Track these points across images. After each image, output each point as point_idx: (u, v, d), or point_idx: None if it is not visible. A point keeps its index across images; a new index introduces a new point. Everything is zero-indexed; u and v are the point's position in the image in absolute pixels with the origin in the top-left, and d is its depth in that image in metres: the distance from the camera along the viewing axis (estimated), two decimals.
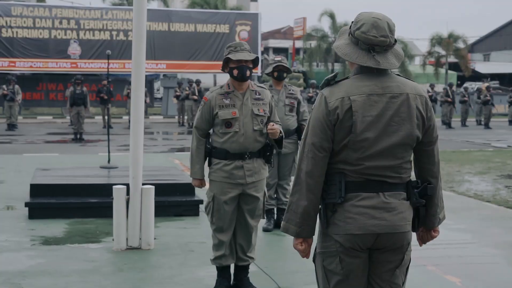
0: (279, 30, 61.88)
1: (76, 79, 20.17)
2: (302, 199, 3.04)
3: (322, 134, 3.01)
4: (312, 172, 3.02)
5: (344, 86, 3.04)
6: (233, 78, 5.12)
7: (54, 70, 30.82)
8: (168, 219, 7.80)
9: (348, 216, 3.00)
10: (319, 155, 3.01)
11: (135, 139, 6.37)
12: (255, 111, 5.09)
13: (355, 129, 2.97)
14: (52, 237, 6.93)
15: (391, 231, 3.00)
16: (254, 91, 5.17)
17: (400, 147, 3.02)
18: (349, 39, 3.09)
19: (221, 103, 5.06)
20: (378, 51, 3.01)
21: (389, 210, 3.00)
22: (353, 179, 3.01)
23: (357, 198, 3.00)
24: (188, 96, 25.30)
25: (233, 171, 5.05)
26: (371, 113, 2.98)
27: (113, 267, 5.93)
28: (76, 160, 13.41)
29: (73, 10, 31.39)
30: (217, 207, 5.13)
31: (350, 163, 3.01)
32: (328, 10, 42.35)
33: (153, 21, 30.38)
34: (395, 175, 3.03)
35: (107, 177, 8.72)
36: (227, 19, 32.86)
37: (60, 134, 21.88)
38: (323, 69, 45.01)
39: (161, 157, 14.66)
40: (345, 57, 3.06)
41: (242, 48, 5.10)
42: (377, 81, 3.03)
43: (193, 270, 5.84)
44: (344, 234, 3.01)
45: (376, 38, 2.98)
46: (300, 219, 3.06)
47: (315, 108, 3.07)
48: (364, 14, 3.07)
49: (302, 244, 3.12)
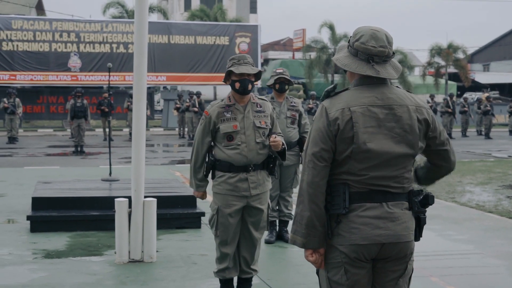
0: (278, 42, 62.05)
1: (77, 92, 20.20)
2: (305, 210, 3.06)
3: (322, 144, 3.04)
4: (313, 182, 3.04)
5: (344, 97, 3.07)
6: (234, 91, 5.10)
7: (54, 83, 30.85)
8: (170, 232, 7.79)
9: (352, 226, 3.01)
10: (319, 165, 3.04)
11: (137, 151, 6.37)
12: (257, 123, 5.08)
13: (357, 139, 3.00)
14: (54, 250, 6.92)
15: (395, 241, 3.03)
16: (255, 104, 5.17)
17: (402, 157, 3.06)
18: (348, 51, 3.15)
19: (222, 117, 5.05)
20: (377, 61, 3.06)
21: (392, 220, 3.02)
22: (357, 190, 3.03)
23: (361, 209, 3.02)
24: (189, 108, 25.33)
25: (238, 184, 5.04)
26: (371, 124, 3.02)
27: (115, 280, 5.91)
28: (77, 173, 13.41)
29: (73, 23, 31.45)
30: (222, 220, 5.10)
31: (353, 173, 3.03)
32: (327, 22, 42.45)
33: (153, 33, 30.45)
34: (397, 185, 3.06)
35: (109, 190, 8.71)
36: (227, 31, 32.94)
37: (60, 147, 21.87)
38: (323, 80, 45.08)
39: (162, 170, 14.65)
40: (345, 67, 3.11)
41: (245, 61, 5.09)
42: (377, 92, 3.07)
43: (196, 283, 5.82)
44: (349, 245, 3.02)
45: (375, 48, 3.05)
46: (305, 229, 3.07)
47: (316, 119, 3.11)
48: (362, 27, 3.15)
49: (313, 255, 3.12)
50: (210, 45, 32.41)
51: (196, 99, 25.10)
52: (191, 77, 32.29)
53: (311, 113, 24.90)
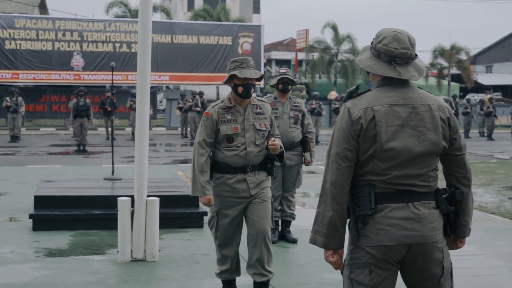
0: (281, 42, 62.00)
1: (79, 91, 20.21)
2: (327, 210, 3.07)
3: (346, 144, 3.05)
4: (336, 182, 3.05)
5: (367, 98, 3.10)
6: (236, 94, 5.07)
7: (57, 82, 30.91)
8: (173, 231, 7.79)
9: (379, 227, 3.03)
10: (343, 165, 3.05)
11: (140, 150, 6.37)
12: (257, 126, 5.06)
13: (380, 138, 3.02)
14: (57, 249, 6.92)
15: (422, 241, 3.04)
16: (255, 105, 5.14)
17: (426, 156, 3.07)
18: (371, 53, 3.18)
19: (223, 118, 5.01)
20: (399, 63, 3.09)
21: (419, 220, 3.03)
22: (382, 190, 3.05)
23: (388, 209, 3.03)
24: (191, 107, 25.33)
25: (236, 185, 5.00)
26: (394, 123, 3.04)
27: (118, 279, 5.92)
28: (80, 172, 13.41)
29: (76, 22, 31.50)
30: (222, 222, 5.07)
31: (377, 173, 3.04)
32: (330, 22, 42.49)
33: (156, 33, 30.48)
34: (423, 183, 3.07)
35: (111, 189, 8.71)
36: (230, 31, 32.97)
37: (63, 146, 21.89)
38: (326, 80, 45.07)
39: (165, 169, 14.66)
40: (367, 68, 3.14)
41: (248, 64, 5.07)
42: (399, 92, 3.10)
43: (198, 282, 5.82)
44: (376, 246, 3.03)
45: (397, 50, 3.07)
46: (327, 230, 3.08)
47: (338, 119, 3.13)
48: (385, 29, 3.18)
49: (333, 256, 3.13)
50: (213, 45, 32.45)
51: (199, 98, 25.11)
52: (194, 76, 32.33)
53: (314, 114, 24.90)
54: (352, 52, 42.67)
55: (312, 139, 7.35)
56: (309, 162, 7.34)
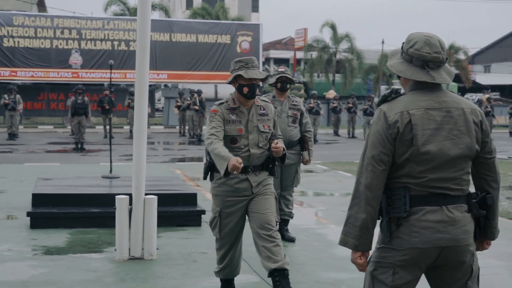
0: (280, 41, 62.04)
1: (78, 88, 20.18)
2: (360, 212, 3.10)
3: (381, 147, 3.08)
4: (371, 185, 3.08)
5: (402, 102, 3.13)
6: (241, 95, 4.99)
7: (55, 80, 30.88)
8: (171, 229, 7.78)
9: (413, 230, 3.05)
10: (378, 168, 3.08)
11: (138, 149, 6.36)
12: (261, 128, 5.00)
13: (416, 141, 3.05)
14: (54, 247, 6.91)
15: (455, 244, 3.07)
16: (259, 106, 5.07)
17: (460, 159, 3.10)
18: (401, 58, 3.20)
19: (228, 118, 4.94)
20: (432, 67, 3.12)
21: (452, 223, 3.07)
22: (417, 193, 3.07)
23: (422, 212, 3.06)
24: (189, 106, 25.29)
25: (238, 185, 4.95)
26: (430, 127, 3.07)
27: (115, 277, 5.91)
28: (78, 170, 13.40)
29: (74, 20, 31.46)
30: (224, 222, 5.03)
31: (413, 176, 3.07)
32: (329, 21, 42.50)
33: (155, 31, 30.45)
34: (457, 187, 3.10)
35: (109, 187, 8.70)
36: (229, 30, 32.95)
37: (61, 144, 21.87)
38: (324, 79, 45.07)
39: (163, 167, 14.65)
40: (400, 73, 3.17)
41: (253, 65, 4.97)
42: (433, 96, 3.13)
43: (196, 281, 5.82)
44: (408, 248, 3.06)
45: (429, 55, 3.10)
46: (358, 232, 3.11)
47: (374, 123, 3.15)
48: (415, 33, 3.20)
49: (361, 258, 3.16)
50: (212, 44, 32.43)
51: (197, 97, 25.08)
52: (192, 75, 32.31)
53: (312, 113, 24.90)
54: (350, 52, 42.69)
55: (310, 138, 7.34)
56: (307, 161, 7.34)
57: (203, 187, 11.47)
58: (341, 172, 14.36)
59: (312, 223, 8.58)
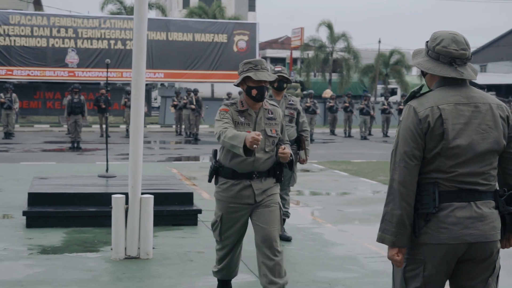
0: (276, 40, 62.04)
1: (74, 87, 20.15)
2: (396, 209, 3.12)
3: (413, 143, 3.12)
4: (405, 181, 3.11)
5: (431, 97, 3.17)
6: (249, 97, 4.82)
7: (51, 79, 30.83)
8: (167, 229, 7.78)
9: (442, 226, 3.09)
10: (411, 164, 3.12)
11: (135, 148, 6.35)
12: (268, 132, 4.84)
13: (447, 136, 3.09)
14: (50, 246, 6.90)
15: (483, 240, 3.10)
16: (267, 110, 4.92)
17: (489, 154, 3.15)
18: (427, 56, 3.26)
19: (237, 120, 4.80)
20: (459, 64, 3.19)
21: (481, 219, 3.10)
22: (446, 189, 3.11)
23: (451, 208, 3.10)
24: (186, 105, 25.29)
25: (241, 192, 4.81)
26: (460, 121, 3.12)
27: (112, 277, 5.90)
28: (74, 169, 13.38)
29: (71, 19, 31.40)
30: (226, 227, 4.93)
31: (443, 171, 3.11)
32: (325, 21, 42.49)
33: (151, 30, 30.43)
34: (485, 182, 3.14)
35: (105, 186, 8.69)
36: (225, 29, 32.94)
37: (57, 143, 21.84)
38: (321, 79, 45.08)
39: (159, 166, 14.64)
40: (429, 71, 3.22)
41: (263, 66, 4.82)
42: (461, 91, 3.19)
43: (192, 280, 5.81)
44: (437, 244, 3.10)
45: (457, 51, 3.17)
46: (395, 228, 3.13)
47: (403, 119, 3.20)
48: (440, 31, 3.26)
49: (399, 254, 3.18)
50: (208, 43, 32.42)
51: (194, 96, 25.08)
52: (189, 74, 32.30)
53: (308, 112, 24.94)
54: (347, 51, 42.69)
55: (307, 137, 7.34)
56: (304, 160, 7.34)
57: (200, 186, 11.47)
58: (338, 171, 14.36)
59: (308, 223, 8.58)
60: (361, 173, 14.14)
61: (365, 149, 21.71)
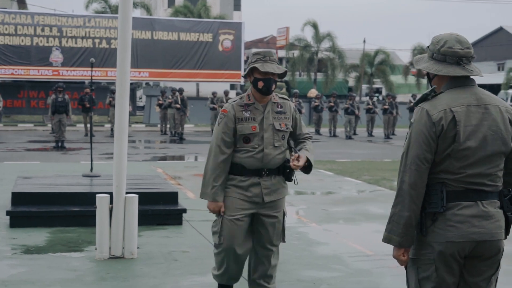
0: (262, 39, 62.07)
1: (58, 86, 20.04)
2: (405, 210, 3.15)
3: (425, 146, 3.13)
4: (415, 184, 3.14)
5: (444, 99, 3.18)
6: (256, 90, 4.59)
7: (35, 78, 30.67)
8: (151, 228, 7.76)
9: (449, 224, 3.12)
10: (422, 167, 3.14)
11: (119, 147, 6.33)
12: (277, 126, 4.59)
13: (459, 138, 3.12)
14: (34, 246, 6.86)
15: (489, 239, 3.14)
16: (276, 104, 4.66)
17: (496, 155, 3.18)
18: (432, 59, 3.28)
19: (240, 116, 4.56)
20: (466, 62, 3.22)
21: (487, 218, 3.14)
22: (453, 189, 3.14)
23: (458, 207, 3.13)
24: (171, 104, 25.25)
25: (250, 188, 4.57)
26: (471, 123, 3.14)
27: (96, 276, 5.88)
28: (58, 168, 13.32)
29: (55, 17, 31.26)
30: (228, 226, 4.57)
31: (452, 172, 3.14)
32: (311, 20, 42.57)
33: (136, 29, 30.31)
34: (491, 183, 3.18)
35: (90, 186, 8.65)
36: (211, 28, 32.90)
37: (41, 142, 21.72)
38: (306, 78, 45.15)
39: (144, 166, 14.61)
40: (438, 72, 3.23)
41: (271, 58, 4.59)
42: (471, 93, 3.22)
43: (177, 279, 5.80)
44: (444, 242, 3.13)
45: (462, 50, 3.21)
46: (402, 229, 3.17)
47: (416, 121, 3.19)
48: (441, 35, 3.31)
49: (404, 254, 3.22)
50: (194, 42, 32.38)
51: (179, 95, 25.04)
52: (174, 73, 32.24)
53: None
54: (332, 51, 42.80)
55: None
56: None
57: (185, 185, 11.46)
58: (323, 170, 14.39)
59: (293, 222, 8.59)
60: (346, 172, 14.18)
61: (350, 148, 21.78)
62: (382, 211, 9.11)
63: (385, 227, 3.27)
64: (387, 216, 3.27)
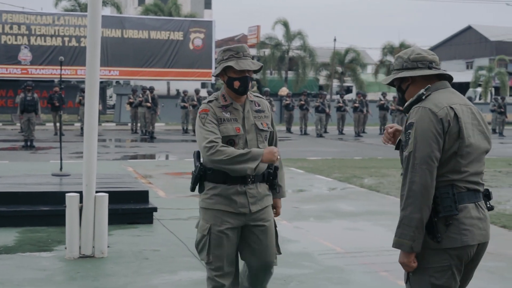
0: (233, 38, 62.00)
1: (27, 85, 19.84)
2: (416, 212, 3.05)
3: (434, 144, 3.08)
4: (427, 183, 3.05)
5: (440, 98, 3.20)
6: (232, 90, 4.13)
7: (4, 76, 30.31)
8: (122, 227, 7.73)
9: (463, 228, 3.09)
10: (433, 166, 3.07)
11: (89, 146, 6.31)
12: (259, 125, 4.18)
13: (463, 134, 3.13)
14: (3, 246, 6.80)
15: (487, 240, 3.20)
16: (253, 102, 4.25)
17: (484, 153, 3.25)
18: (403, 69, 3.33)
19: (221, 116, 4.08)
20: (435, 67, 3.30)
21: (485, 219, 3.20)
22: (459, 190, 3.13)
23: (466, 210, 3.13)
24: (142, 103, 25.15)
25: (234, 198, 4.05)
26: (468, 120, 3.19)
27: (66, 276, 5.85)
28: (27, 168, 13.19)
29: (24, 15, 30.93)
30: (216, 242, 4.04)
31: (457, 171, 3.12)
32: (281, 19, 42.66)
33: (106, 27, 30.11)
34: (482, 182, 3.23)
35: (59, 185, 8.60)
36: (181, 27, 32.82)
37: (10, 141, 21.48)
38: (277, 77, 45.24)
39: (114, 165, 14.53)
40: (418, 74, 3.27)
41: (245, 53, 4.17)
42: (455, 94, 3.27)
43: (147, 278, 5.79)
44: (461, 247, 3.09)
45: (430, 56, 3.32)
46: (413, 232, 3.06)
47: (418, 121, 3.12)
48: (404, 50, 3.43)
49: (415, 260, 3.14)
50: (164, 40, 32.26)
51: (149, 94, 24.95)
52: (144, 72, 32.10)
53: None
54: (303, 49, 42.94)
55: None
56: None
57: (155, 184, 11.43)
58: (294, 168, 14.45)
59: None
60: (316, 170, 14.25)
61: (321, 146, 21.88)
62: (352, 209, 9.16)
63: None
64: (358, 214, 3.31)
